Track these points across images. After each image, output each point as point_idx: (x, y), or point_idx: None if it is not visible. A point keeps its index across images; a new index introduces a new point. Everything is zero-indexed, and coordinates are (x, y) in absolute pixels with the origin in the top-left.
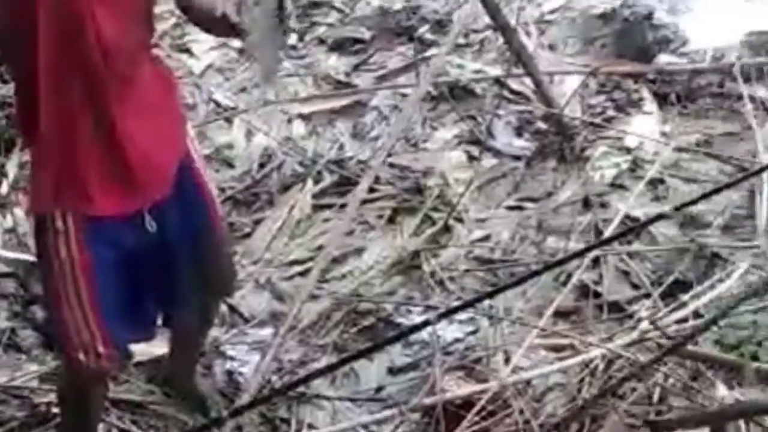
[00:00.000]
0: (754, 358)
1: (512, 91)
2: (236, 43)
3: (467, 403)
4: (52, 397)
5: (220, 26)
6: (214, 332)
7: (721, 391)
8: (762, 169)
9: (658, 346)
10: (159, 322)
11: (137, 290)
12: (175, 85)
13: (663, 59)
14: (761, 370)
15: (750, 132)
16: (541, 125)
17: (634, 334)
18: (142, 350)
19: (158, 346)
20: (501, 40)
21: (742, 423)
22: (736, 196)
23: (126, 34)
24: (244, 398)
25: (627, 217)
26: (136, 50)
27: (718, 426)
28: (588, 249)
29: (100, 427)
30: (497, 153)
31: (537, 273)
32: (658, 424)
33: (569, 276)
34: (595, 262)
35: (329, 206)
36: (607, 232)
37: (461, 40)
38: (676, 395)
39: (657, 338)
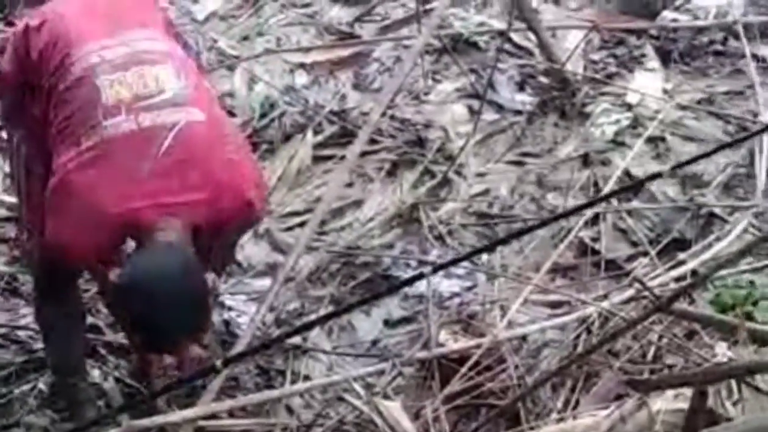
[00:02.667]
0: (750, 318)
1: (515, 45)
2: None
3: (463, 357)
4: None
5: None
6: None
7: (720, 349)
8: (762, 131)
9: (653, 304)
10: None
11: None
12: None
13: (667, 16)
14: (754, 330)
15: (751, 91)
16: (543, 80)
17: (630, 292)
18: None
19: None
20: None
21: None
22: (736, 155)
23: None
24: (240, 348)
25: (627, 174)
26: None
27: (701, 387)
28: (586, 205)
29: (96, 374)
30: (499, 107)
31: (535, 228)
32: (640, 383)
33: (568, 233)
34: (594, 219)
35: (330, 157)
36: (606, 190)
37: None
38: (671, 354)
39: (652, 297)
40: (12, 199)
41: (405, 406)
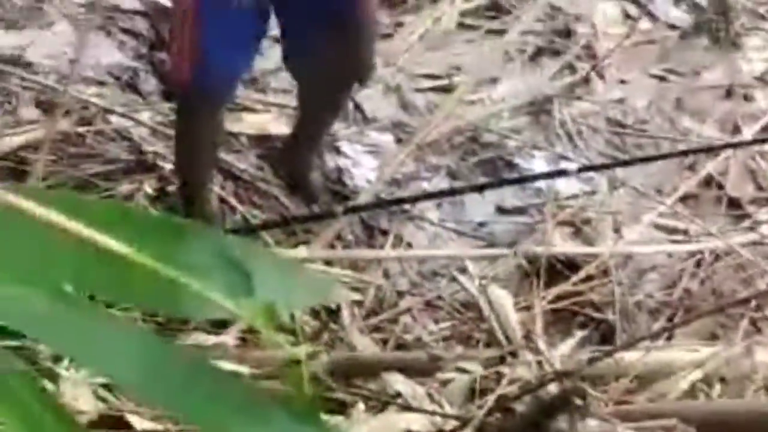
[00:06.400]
0: None
1: None
2: None
3: (569, 261)
4: (161, 147)
5: None
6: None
7: None
8: None
9: None
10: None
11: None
12: None
13: None
14: None
15: None
16: (702, 1)
17: (752, 236)
18: (258, 126)
19: (276, 125)
20: None
21: None
22: None
23: None
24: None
25: None
26: None
27: None
28: (722, 147)
29: None
30: (652, 17)
31: (667, 156)
32: None
33: (695, 161)
34: None
35: (475, 27)
36: (746, 129)
37: None
38: None
39: None
40: None
41: None
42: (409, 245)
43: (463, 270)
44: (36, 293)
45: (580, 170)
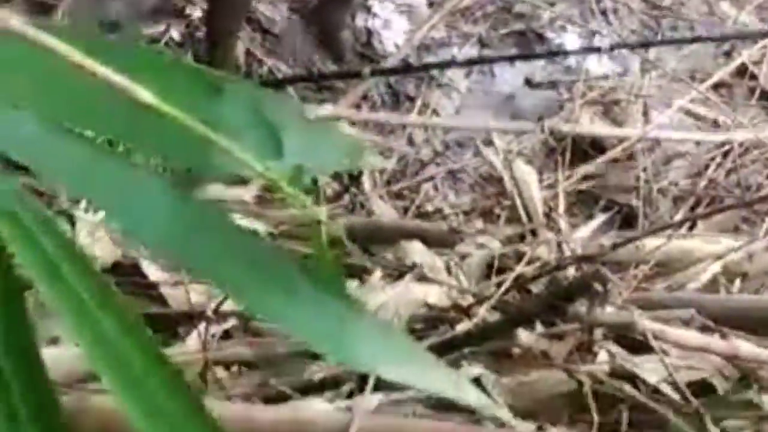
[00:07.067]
0: None
1: None
2: None
3: (595, 141)
4: None
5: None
6: None
7: None
8: None
9: None
10: None
11: None
12: None
13: None
14: None
15: None
16: None
17: None
18: None
19: None
20: None
21: None
22: None
23: None
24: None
25: None
26: None
27: None
28: (760, 35)
29: None
30: None
31: (701, 40)
32: None
33: (732, 47)
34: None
35: None
36: None
37: None
38: None
39: None
40: None
41: None
42: (435, 113)
43: (489, 142)
44: (61, 135)
45: (613, 48)
